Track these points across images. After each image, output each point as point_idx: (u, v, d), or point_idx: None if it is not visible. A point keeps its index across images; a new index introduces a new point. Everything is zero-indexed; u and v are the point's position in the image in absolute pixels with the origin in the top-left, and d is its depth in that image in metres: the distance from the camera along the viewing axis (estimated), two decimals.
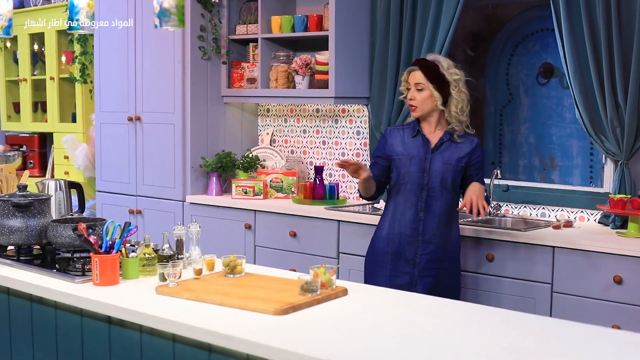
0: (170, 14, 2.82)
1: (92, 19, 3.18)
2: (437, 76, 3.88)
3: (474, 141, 3.98)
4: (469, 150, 3.93)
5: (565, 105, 6.68)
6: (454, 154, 3.92)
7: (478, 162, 3.98)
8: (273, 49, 5.61)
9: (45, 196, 3.43)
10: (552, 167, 6.79)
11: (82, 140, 6.74)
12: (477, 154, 3.97)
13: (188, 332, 2.48)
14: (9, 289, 3.19)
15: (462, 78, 3.95)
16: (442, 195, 3.90)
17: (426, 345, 2.29)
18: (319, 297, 2.70)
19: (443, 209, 3.91)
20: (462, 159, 3.91)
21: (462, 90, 3.91)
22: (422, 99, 3.90)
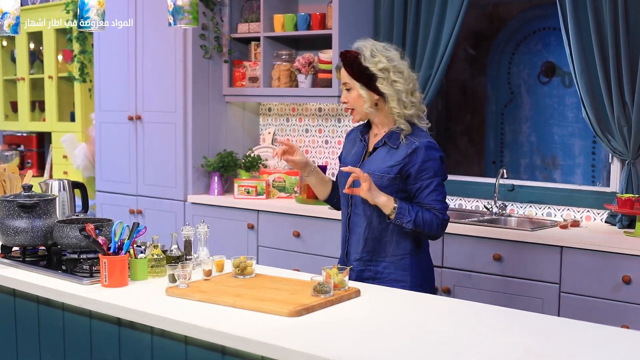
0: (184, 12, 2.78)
1: (102, 17, 3.14)
2: (360, 70, 3.15)
3: (412, 144, 3.13)
4: (402, 157, 3.13)
5: (567, 104, 6.67)
6: (383, 163, 3.17)
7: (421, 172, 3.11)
8: (275, 48, 5.57)
9: (50, 196, 3.38)
10: (553, 166, 6.78)
11: (81, 139, 6.70)
12: (414, 161, 3.12)
13: (201, 334, 2.44)
14: (15, 291, 3.14)
15: (389, 66, 3.13)
16: (368, 214, 3.21)
17: (442, 347, 2.26)
18: (332, 298, 2.67)
19: (371, 231, 3.22)
20: (392, 168, 3.14)
21: (395, 80, 3.13)
22: (354, 100, 3.19)
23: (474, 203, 5.03)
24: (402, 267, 3.21)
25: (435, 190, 3.12)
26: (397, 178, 3.14)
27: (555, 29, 6.69)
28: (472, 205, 5.03)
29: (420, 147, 3.12)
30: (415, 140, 3.14)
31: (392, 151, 3.16)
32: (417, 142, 3.13)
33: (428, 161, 3.11)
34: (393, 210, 3.07)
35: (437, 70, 4.97)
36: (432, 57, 4.98)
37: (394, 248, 3.20)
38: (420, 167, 3.11)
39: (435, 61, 4.98)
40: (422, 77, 5.01)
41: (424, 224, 3.08)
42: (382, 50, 3.20)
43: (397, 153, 3.14)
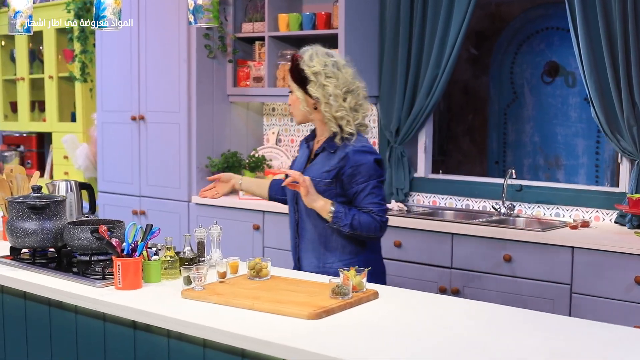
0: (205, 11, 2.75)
1: (119, 16, 3.11)
2: (297, 73, 3.23)
3: (346, 148, 3.18)
4: (336, 162, 3.18)
5: (570, 104, 6.66)
6: (321, 168, 3.22)
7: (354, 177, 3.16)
8: (280, 47, 5.54)
9: (60, 198, 3.34)
10: (557, 166, 6.76)
11: (83, 140, 6.65)
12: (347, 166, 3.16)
13: (220, 336, 2.41)
14: (26, 293, 3.11)
15: (320, 70, 3.18)
16: (313, 218, 3.25)
17: (467, 351, 2.23)
18: (351, 300, 2.64)
19: (318, 235, 3.27)
20: (328, 173, 3.19)
21: (324, 84, 3.17)
22: (293, 102, 3.29)
23: (481, 203, 5.01)
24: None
25: (371, 193, 3.17)
26: (334, 183, 3.19)
27: (559, 28, 6.68)
28: (479, 206, 5.01)
29: (351, 152, 3.17)
30: (349, 144, 3.19)
31: (329, 156, 3.22)
32: (350, 146, 3.18)
33: (360, 165, 3.16)
34: (330, 214, 3.13)
35: (444, 70, 4.94)
36: (439, 57, 4.96)
37: (341, 252, 3.26)
38: (353, 172, 3.16)
39: (442, 61, 4.95)
40: (428, 78, 4.99)
41: (361, 226, 3.15)
42: (322, 55, 3.27)
43: (333, 158, 3.20)
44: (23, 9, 3.24)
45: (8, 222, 3.29)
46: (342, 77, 3.22)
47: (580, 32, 4.42)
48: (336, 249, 3.26)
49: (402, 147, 5.19)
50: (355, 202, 3.19)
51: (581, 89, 6.60)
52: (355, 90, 3.25)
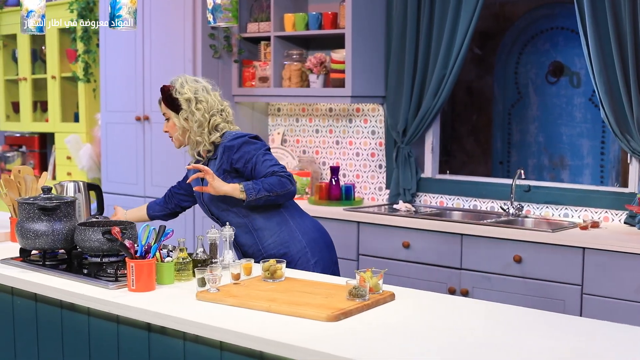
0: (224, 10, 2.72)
1: (134, 16, 3.07)
2: (171, 101, 3.51)
3: (221, 145, 3.48)
4: (219, 159, 3.48)
5: (575, 104, 6.64)
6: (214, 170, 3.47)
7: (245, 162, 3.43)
8: (285, 47, 5.52)
9: (71, 199, 3.32)
10: (561, 166, 6.74)
11: (86, 140, 6.62)
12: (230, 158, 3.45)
13: (238, 339, 2.38)
14: (37, 295, 3.08)
15: (192, 96, 3.49)
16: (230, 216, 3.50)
17: (487, 352, 2.21)
18: (369, 302, 2.62)
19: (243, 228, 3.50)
20: (218, 170, 3.46)
21: (194, 111, 3.48)
22: (171, 129, 3.57)
23: (488, 204, 4.99)
24: (282, 241, 3.48)
25: (264, 160, 3.42)
26: (227, 175, 3.44)
27: (564, 28, 6.67)
28: (487, 206, 4.99)
29: (226, 145, 3.45)
30: (222, 141, 3.48)
31: (214, 161, 3.51)
32: (223, 142, 3.47)
33: (239, 149, 3.42)
34: (241, 191, 3.33)
35: (452, 70, 4.92)
36: (447, 57, 4.94)
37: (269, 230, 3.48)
38: (239, 157, 3.42)
39: (449, 61, 4.93)
40: (436, 77, 4.97)
41: (273, 187, 3.36)
42: (192, 82, 3.57)
43: (217, 160, 3.48)
44: (36, 8, 3.22)
45: (18, 223, 3.26)
46: (210, 100, 3.54)
47: (590, 32, 4.40)
48: (265, 228, 3.48)
49: (409, 148, 5.17)
50: (256, 176, 3.42)
51: (586, 89, 6.58)
52: (225, 109, 3.59)
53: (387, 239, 4.67)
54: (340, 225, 4.83)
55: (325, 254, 3.59)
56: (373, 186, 5.45)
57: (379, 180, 5.42)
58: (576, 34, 6.55)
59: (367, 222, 4.76)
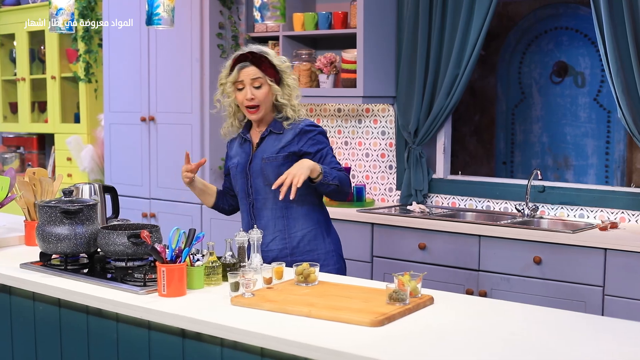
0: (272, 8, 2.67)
1: (172, 14, 3.01)
2: (270, 67, 3.45)
3: (297, 126, 3.47)
4: (290, 138, 3.45)
5: (579, 104, 6.62)
6: (274, 147, 3.46)
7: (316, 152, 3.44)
8: (294, 47, 5.46)
9: (93, 201, 3.25)
10: (566, 166, 6.72)
11: (87, 141, 6.54)
12: (304, 140, 3.45)
13: (280, 345, 2.32)
14: (60, 300, 3.01)
15: (289, 65, 3.56)
16: (270, 195, 3.45)
17: (537, 356, 2.17)
18: (410, 306, 2.57)
19: (277, 210, 3.47)
20: (284, 148, 3.44)
21: (291, 76, 3.52)
22: (264, 95, 3.43)
23: (502, 205, 4.95)
24: (313, 237, 3.50)
25: (332, 156, 3.48)
26: (290, 156, 3.42)
27: (568, 28, 6.64)
28: (500, 207, 4.95)
29: (304, 128, 3.46)
30: (299, 123, 3.48)
31: (279, 137, 3.46)
32: (301, 124, 3.47)
33: (316, 136, 3.46)
34: (320, 171, 3.31)
35: (465, 69, 4.89)
36: (460, 57, 4.90)
37: (303, 223, 3.48)
38: (312, 142, 3.45)
39: (462, 61, 4.90)
40: (449, 77, 4.93)
41: (341, 180, 3.39)
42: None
43: (283, 137, 3.45)
44: (65, 6, 3.14)
45: (39, 227, 3.19)
46: None
47: (606, 31, 4.37)
48: (298, 220, 3.48)
49: (421, 148, 5.12)
50: None
51: (591, 89, 6.56)
52: None
53: (403, 241, 4.62)
54: (353, 227, 4.78)
55: (343, 264, 3.62)
56: (383, 187, 5.40)
57: (389, 181, 5.37)
58: (580, 33, 6.54)
59: (381, 223, 4.71)
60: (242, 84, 3.43)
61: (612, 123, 6.47)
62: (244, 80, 3.43)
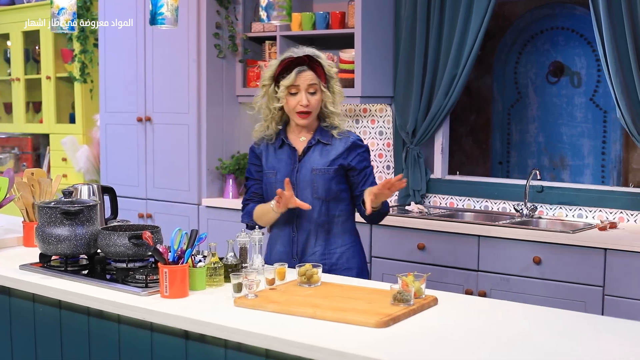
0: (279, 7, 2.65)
1: (176, 13, 2.99)
2: (323, 73, 3.34)
3: (348, 140, 3.35)
4: (341, 151, 3.33)
5: (576, 104, 6.62)
6: (323, 158, 3.33)
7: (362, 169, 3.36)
8: (291, 47, 5.42)
9: (93, 202, 3.23)
10: (562, 166, 6.72)
11: (83, 141, 6.51)
12: (353, 155, 3.34)
13: (286, 347, 2.31)
14: (61, 302, 2.99)
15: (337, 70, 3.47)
16: (317, 208, 3.31)
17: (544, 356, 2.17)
18: (414, 307, 2.56)
19: (320, 224, 3.34)
20: (334, 161, 3.31)
21: (338, 82, 3.41)
22: (317, 102, 3.32)
23: (500, 205, 4.95)
24: (352, 255, 3.41)
25: (374, 177, 3.41)
26: (339, 170, 3.33)
27: (564, 28, 6.65)
28: (498, 207, 4.95)
29: (356, 142, 3.37)
30: (349, 136, 3.38)
31: (327, 147, 3.35)
32: (351, 137, 3.38)
33: (364, 152, 3.38)
34: None
35: (463, 69, 4.88)
36: (458, 57, 4.89)
37: (343, 239, 3.40)
38: (361, 159, 3.36)
39: (460, 61, 4.89)
40: (447, 77, 4.93)
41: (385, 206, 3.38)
42: None
43: (333, 148, 3.35)
44: (67, 5, 3.11)
45: (38, 228, 3.17)
46: None
47: (605, 32, 4.36)
48: (338, 236, 3.38)
49: (418, 148, 5.12)
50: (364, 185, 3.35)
51: (587, 89, 6.57)
52: None
53: (402, 241, 4.61)
54: None
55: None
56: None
57: None
58: (576, 33, 6.55)
59: (379, 223, 4.68)
60: (298, 88, 3.28)
61: (608, 123, 6.47)
62: (300, 85, 3.28)
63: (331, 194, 3.33)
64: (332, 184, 3.32)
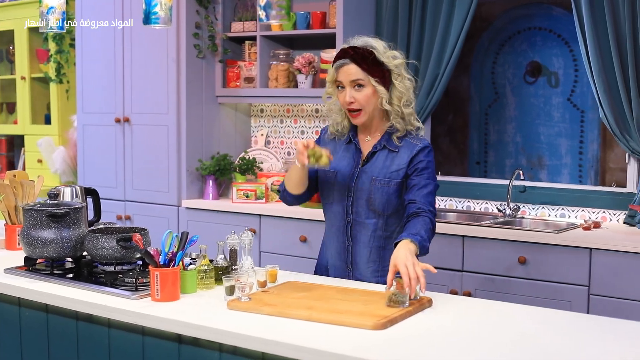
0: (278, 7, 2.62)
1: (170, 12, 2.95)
2: (376, 66, 2.97)
3: (415, 147, 3.01)
4: (406, 160, 3.00)
5: (553, 104, 6.65)
6: (385, 167, 3.02)
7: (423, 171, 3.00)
8: (272, 47, 5.42)
9: (79, 204, 3.18)
10: (539, 166, 6.75)
11: (59, 142, 6.44)
12: (419, 159, 3.00)
13: (284, 350, 2.28)
14: (48, 306, 2.94)
15: (403, 62, 3.03)
16: (373, 221, 3.05)
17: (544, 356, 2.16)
18: (410, 309, 2.55)
19: (376, 239, 3.06)
20: (397, 172, 3.01)
21: (405, 77, 3.02)
22: (366, 99, 2.98)
23: (482, 205, 4.95)
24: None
25: (431, 193, 2.99)
26: (404, 182, 3.01)
27: (541, 28, 6.68)
28: (481, 207, 4.95)
29: (426, 148, 3.02)
30: (419, 142, 3.02)
31: (392, 154, 3.03)
32: (421, 143, 3.02)
33: (429, 162, 3.02)
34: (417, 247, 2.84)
35: (445, 70, 4.88)
36: (440, 57, 4.89)
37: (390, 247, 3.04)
38: (425, 166, 2.99)
39: (442, 61, 4.89)
40: (429, 78, 4.92)
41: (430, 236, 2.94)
42: (390, 48, 3.06)
43: (398, 156, 3.02)
44: (56, 4, 3.06)
45: (24, 231, 3.12)
46: None
47: (588, 31, 4.38)
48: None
49: None
50: (413, 194, 2.97)
51: (564, 89, 6.60)
52: None
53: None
54: None
55: None
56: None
57: None
58: (554, 33, 6.58)
59: None
60: (342, 83, 3.00)
61: (585, 123, 6.51)
62: (343, 80, 2.99)
63: (390, 208, 3.03)
64: (393, 198, 3.01)
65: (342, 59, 3.00)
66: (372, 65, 2.95)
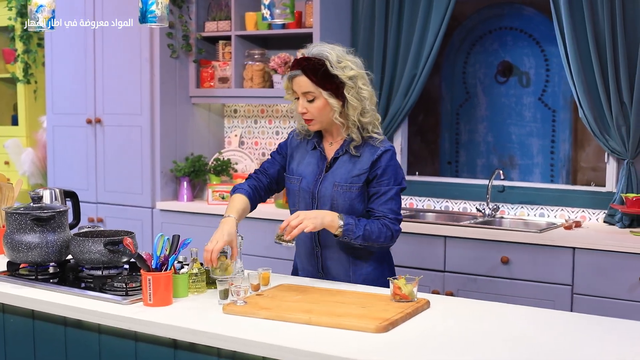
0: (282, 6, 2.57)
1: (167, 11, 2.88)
2: (327, 78, 2.92)
3: (377, 150, 2.98)
4: (367, 164, 2.98)
5: (524, 104, 6.68)
6: (347, 172, 3.00)
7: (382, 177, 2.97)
8: (246, 47, 5.36)
9: (63, 208, 3.11)
10: (511, 165, 6.78)
11: (27, 144, 6.32)
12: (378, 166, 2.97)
13: (285, 354, 2.24)
14: (34, 312, 2.87)
15: (359, 72, 2.99)
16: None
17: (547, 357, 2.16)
18: (410, 311, 2.52)
19: (344, 244, 2.99)
20: (358, 177, 2.98)
21: (362, 88, 2.97)
22: (317, 110, 2.96)
23: (461, 205, 4.95)
24: (378, 276, 3.07)
25: (392, 199, 2.99)
26: (364, 187, 3.00)
27: (512, 28, 6.70)
28: (459, 207, 4.95)
29: (387, 152, 2.99)
30: (380, 145, 3.00)
31: (354, 159, 3.01)
32: (382, 147, 2.99)
33: (388, 167, 2.99)
34: (339, 228, 2.89)
35: (423, 69, 4.87)
36: (417, 57, 4.88)
37: (368, 262, 3.08)
38: (383, 172, 2.97)
39: (420, 60, 4.88)
40: (406, 78, 4.91)
41: (371, 236, 2.93)
42: (346, 55, 3.03)
43: (360, 161, 2.99)
44: (46, 2, 2.98)
45: (7, 235, 3.04)
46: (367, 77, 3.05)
47: (567, 32, 4.40)
48: (366, 257, 3.06)
49: None
50: (372, 203, 2.99)
51: (535, 89, 6.63)
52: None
53: None
54: None
55: None
56: None
57: None
58: (525, 33, 6.61)
59: None
60: (296, 94, 3.00)
61: (557, 122, 6.55)
62: (296, 90, 2.97)
63: (354, 214, 2.99)
64: (356, 203, 2.99)
65: (294, 69, 2.97)
66: (323, 78, 2.93)
